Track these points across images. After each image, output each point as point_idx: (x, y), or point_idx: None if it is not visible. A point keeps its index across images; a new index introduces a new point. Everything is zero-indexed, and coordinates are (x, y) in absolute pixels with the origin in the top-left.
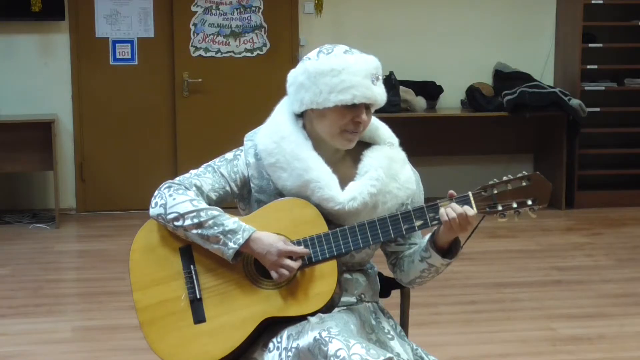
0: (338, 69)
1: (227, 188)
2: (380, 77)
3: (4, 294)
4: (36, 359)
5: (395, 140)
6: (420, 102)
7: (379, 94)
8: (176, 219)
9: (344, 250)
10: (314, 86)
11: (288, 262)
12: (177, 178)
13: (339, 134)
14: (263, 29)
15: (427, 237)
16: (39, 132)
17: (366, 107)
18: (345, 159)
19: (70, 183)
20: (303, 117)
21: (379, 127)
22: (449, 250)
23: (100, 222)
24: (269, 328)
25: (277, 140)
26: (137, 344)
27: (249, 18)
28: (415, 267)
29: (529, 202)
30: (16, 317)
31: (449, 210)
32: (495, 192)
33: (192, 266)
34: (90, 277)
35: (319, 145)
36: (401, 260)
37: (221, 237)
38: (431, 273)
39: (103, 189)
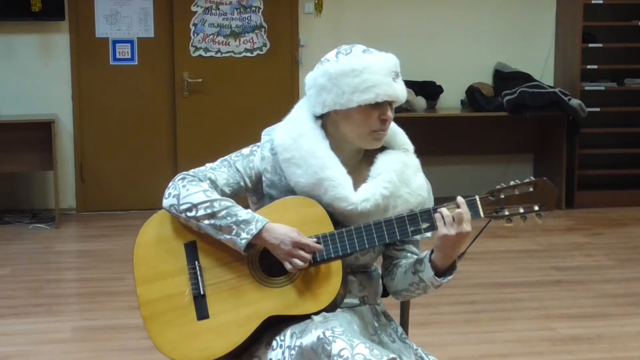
0: (359, 68)
1: (242, 183)
2: (400, 74)
3: (4, 294)
4: (36, 359)
5: (410, 147)
6: (420, 102)
7: (400, 91)
8: (189, 209)
9: (349, 251)
10: (336, 87)
11: (302, 253)
12: (192, 170)
13: (367, 133)
14: (263, 29)
15: (426, 251)
16: (39, 132)
17: (389, 103)
18: (362, 163)
19: (70, 183)
20: (323, 118)
21: (397, 133)
22: (443, 273)
23: (100, 222)
24: (273, 326)
25: (295, 136)
26: (138, 344)
27: (249, 18)
28: (406, 279)
29: (536, 208)
30: (16, 317)
31: (444, 210)
32: (503, 196)
33: (196, 262)
34: (90, 277)
35: (337, 146)
36: (395, 267)
37: (234, 227)
38: (419, 289)
39: (103, 189)
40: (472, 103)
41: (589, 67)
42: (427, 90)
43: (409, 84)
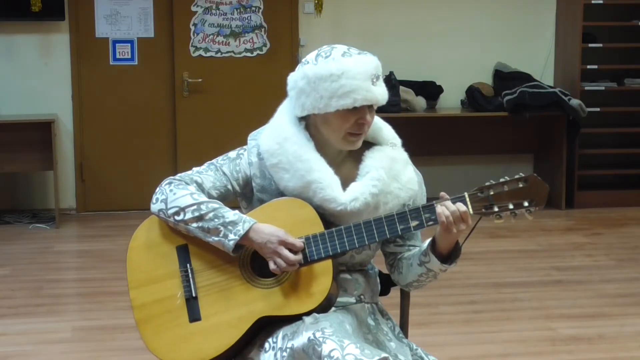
0: (337, 73)
1: (229, 186)
2: (381, 76)
3: (4, 294)
4: (36, 359)
5: (398, 141)
6: (420, 102)
7: (379, 94)
8: (177, 213)
9: (339, 250)
10: (314, 92)
11: (287, 252)
12: (179, 175)
13: (344, 137)
14: (263, 29)
15: (427, 241)
16: (39, 132)
17: (369, 106)
18: (347, 160)
19: (70, 183)
20: (306, 119)
21: (383, 128)
22: (448, 256)
23: (100, 222)
24: (266, 328)
25: (280, 141)
26: (137, 344)
27: (249, 18)
28: (413, 271)
29: (525, 204)
30: (16, 317)
31: (443, 209)
32: (492, 193)
33: (188, 265)
34: (90, 277)
35: (321, 146)
36: (399, 262)
37: (222, 228)
38: (429, 278)
39: (103, 189)
40: (472, 103)
41: (589, 67)
42: (427, 90)
43: (409, 84)
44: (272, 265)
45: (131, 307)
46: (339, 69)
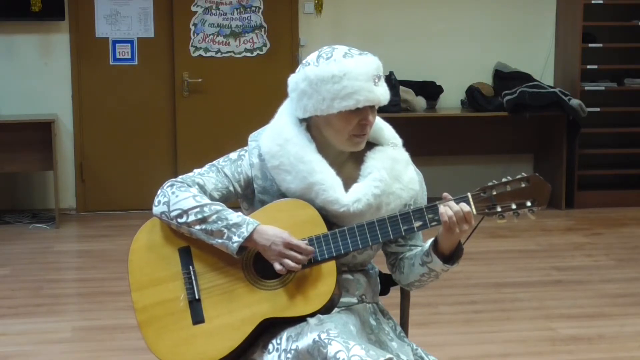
0: (339, 75)
1: (231, 188)
2: (382, 76)
3: (4, 294)
4: (36, 359)
5: (398, 141)
6: (420, 102)
7: (381, 95)
8: (180, 215)
9: (342, 251)
10: (316, 93)
11: (293, 253)
12: (180, 177)
13: (347, 139)
14: (263, 29)
15: (429, 241)
16: (39, 132)
17: (370, 107)
18: (349, 161)
19: (70, 183)
20: (307, 120)
21: (383, 128)
22: (450, 256)
23: (100, 222)
24: (269, 329)
25: (281, 143)
26: (137, 344)
27: (249, 18)
28: (415, 271)
29: (528, 204)
30: (16, 317)
31: (446, 209)
32: (494, 193)
33: (191, 267)
34: (90, 277)
35: (322, 147)
36: (401, 261)
37: (225, 231)
38: (430, 277)
39: (103, 189)
40: (472, 103)
41: (589, 67)
42: (427, 90)
43: (409, 84)
44: (277, 266)
45: (133, 309)
46: (341, 70)
